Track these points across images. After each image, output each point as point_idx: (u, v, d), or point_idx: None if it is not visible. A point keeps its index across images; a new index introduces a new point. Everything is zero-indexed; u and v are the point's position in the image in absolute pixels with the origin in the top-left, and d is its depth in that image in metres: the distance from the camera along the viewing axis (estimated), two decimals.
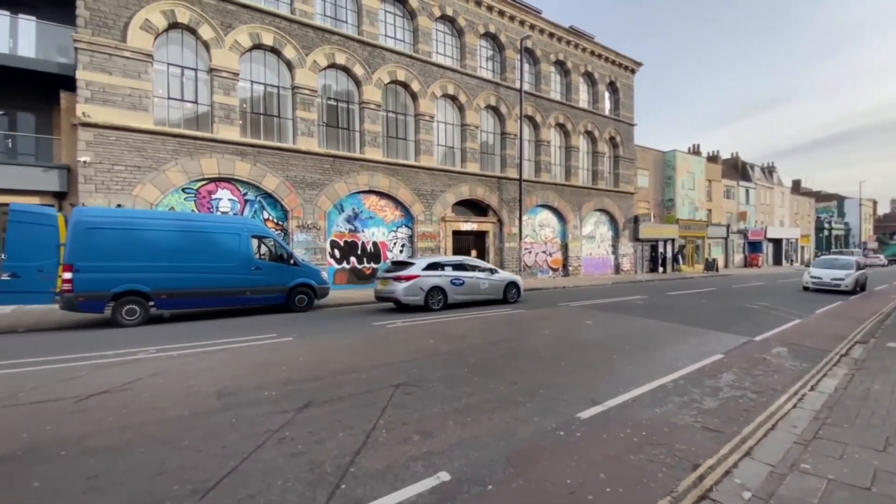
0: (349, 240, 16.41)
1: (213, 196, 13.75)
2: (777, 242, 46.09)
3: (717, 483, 3.02)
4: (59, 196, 11.96)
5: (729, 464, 3.27)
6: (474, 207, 20.30)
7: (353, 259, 16.44)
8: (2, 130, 12.45)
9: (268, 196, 14.66)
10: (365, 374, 5.40)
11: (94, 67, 11.77)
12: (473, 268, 12.55)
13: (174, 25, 13.07)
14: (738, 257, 41.26)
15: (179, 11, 13.01)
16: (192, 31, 13.35)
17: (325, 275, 12.03)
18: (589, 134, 25.36)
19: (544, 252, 23.09)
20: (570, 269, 23.95)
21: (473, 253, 20.26)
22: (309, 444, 3.53)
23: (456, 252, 19.43)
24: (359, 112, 16.80)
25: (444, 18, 19.09)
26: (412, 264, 11.58)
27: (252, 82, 14.67)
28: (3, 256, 8.80)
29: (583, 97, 25.16)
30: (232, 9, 13.86)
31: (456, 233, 19.43)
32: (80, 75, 11.62)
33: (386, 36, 17.47)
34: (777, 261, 45.50)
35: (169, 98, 13.25)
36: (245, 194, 14.33)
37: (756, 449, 3.53)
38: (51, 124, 12.67)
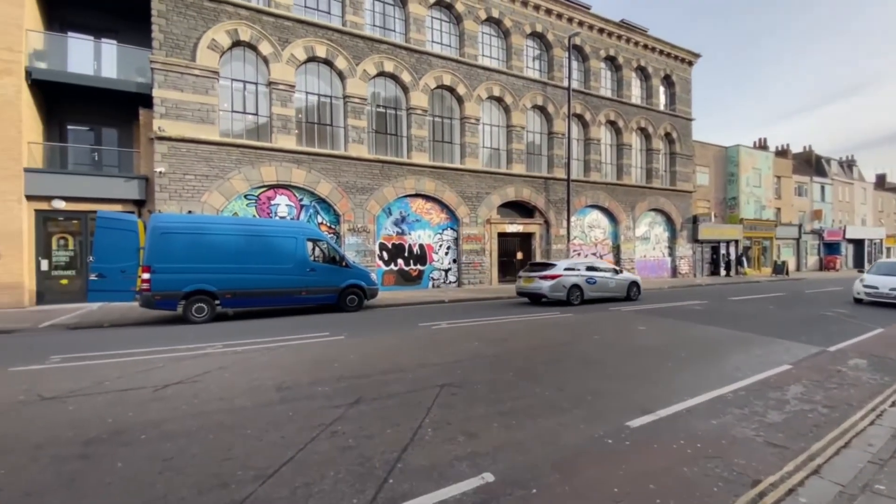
0: (397, 242, 16.83)
1: (272, 202, 14.61)
2: (858, 243, 41.86)
3: (779, 501, 2.84)
4: (139, 204, 13.20)
5: (794, 482, 3.06)
6: (520, 209, 20.12)
7: (400, 261, 16.84)
8: (89, 145, 13.95)
9: (322, 201, 15.35)
10: (411, 374, 5.54)
11: (167, 86, 12.91)
12: (601, 269, 14.11)
13: (237, 43, 14.04)
14: (813, 260, 37.91)
15: (242, 30, 13.96)
16: (253, 48, 14.28)
17: (373, 276, 12.43)
18: (642, 130, 24.35)
19: (594, 254, 22.43)
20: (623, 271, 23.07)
21: (519, 255, 20.08)
22: (359, 438, 3.69)
23: (501, 254, 19.35)
24: (406, 118, 17.19)
25: (490, 21, 19.11)
26: (553, 265, 13.38)
27: (307, 93, 15.44)
28: (91, 258, 9.86)
29: (635, 93, 24.21)
30: (288, 24, 14.68)
31: (501, 235, 19.35)
32: (156, 93, 12.78)
33: (432, 42, 17.77)
34: (858, 264, 41.26)
35: (233, 111, 14.25)
36: (301, 200, 15.10)
37: (825, 467, 3.27)
38: (131, 138, 14.03)
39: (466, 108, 18.16)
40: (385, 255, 16.59)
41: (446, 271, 17.92)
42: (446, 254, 17.95)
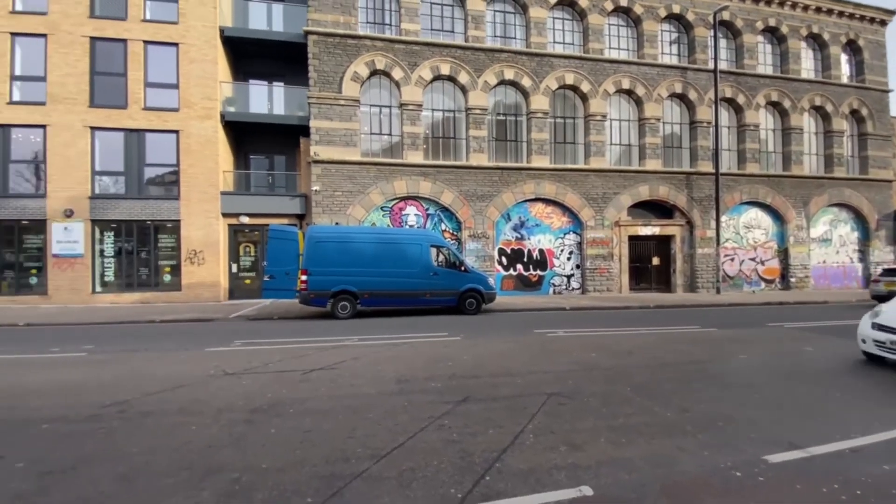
0: (515, 247, 16.85)
1: (403, 212, 15.99)
2: None
3: None
4: (300, 217, 15.74)
5: None
6: (656, 209, 18.34)
7: (519, 266, 16.81)
8: (265, 170, 17.12)
9: (445, 209, 16.26)
10: (521, 379, 5.58)
11: (320, 116, 15.16)
12: None
13: (374, 72, 15.77)
14: None
15: (378, 60, 15.64)
16: (387, 74, 15.87)
17: (492, 281, 12.71)
18: (817, 110, 20.13)
19: (753, 259, 19.24)
20: (793, 280, 19.29)
21: (655, 260, 18.31)
22: (463, 434, 3.91)
23: (633, 259, 17.91)
24: (526, 122, 17.17)
25: (618, 11, 17.96)
26: None
27: (432, 110, 16.55)
28: (265, 263, 12.12)
29: (806, 66, 20.17)
30: (416, 49, 15.96)
31: (633, 238, 17.91)
32: (312, 124, 15.11)
33: (554, 42, 17.44)
34: None
35: (371, 133, 16.04)
36: (427, 209, 16.21)
37: None
38: (295, 163, 16.81)
39: (591, 105, 17.34)
40: (504, 260, 16.75)
41: (568, 277, 17.29)
42: (568, 259, 17.32)
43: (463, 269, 12.32)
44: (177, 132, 14.83)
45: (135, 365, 6.44)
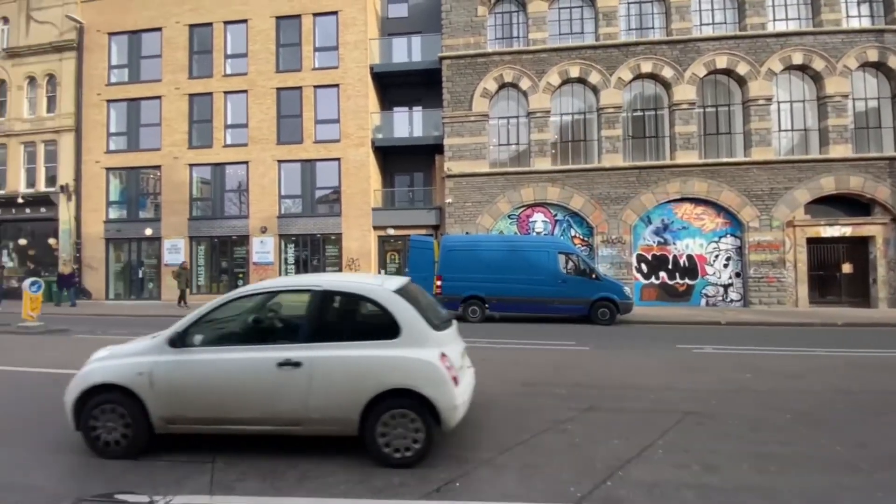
0: (658, 253, 15.49)
1: (530, 219, 16.13)
2: None
3: None
4: (435, 228, 17.10)
5: None
6: (845, 205, 14.97)
7: (662, 274, 15.40)
8: (406, 187, 19.02)
9: (574, 215, 15.87)
10: (654, 395, 5.34)
11: (453, 134, 16.29)
12: None
13: (502, 86, 16.33)
14: None
15: (505, 73, 16.16)
16: (515, 86, 16.26)
17: (627, 290, 12.00)
18: None
19: None
20: None
21: (846, 268, 14.96)
22: (585, 440, 4.01)
23: (813, 267, 14.91)
24: (668, 116, 15.76)
25: None
26: None
27: (561, 115, 16.37)
28: (406, 269, 13.54)
29: None
30: (544, 56, 16.03)
31: (813, 241, 14.90)
32: (446, 142, 16.33)
33: (700, 25, 15.71)
34: None
35: (499, 145, 16.61)
36: (555, 215, 16.05)
37: None
38: (431, 179, 18.32)
39: (751, 88, 15.06)
40: (644, 267, 15.53)
41: (725, 287, 15.18)
42: (725, 266, 15.22)
43: (594, 276, 11.92)
44: (338, 159, 17.54)
45: None
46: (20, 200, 18.95)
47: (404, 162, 18.84)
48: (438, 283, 12.17)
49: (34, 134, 19.29)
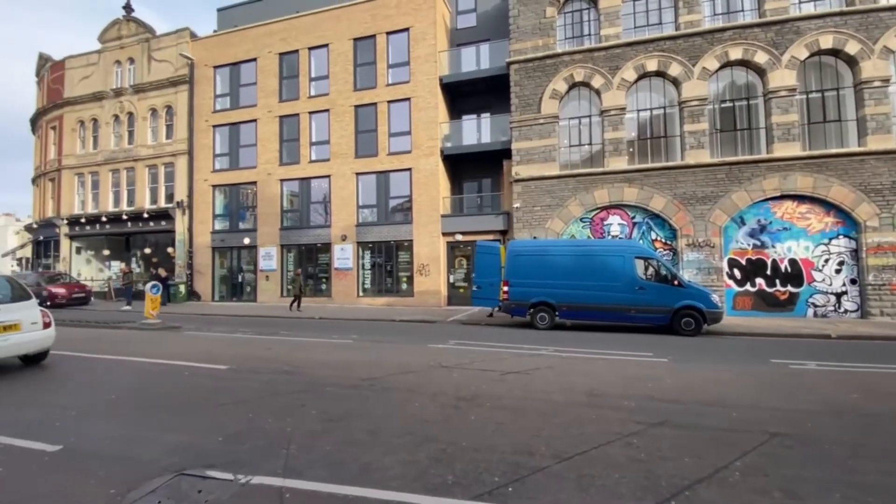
0: (753, 257, 13.97)
1: (605, 222, 15.43)
2: None
3: None
4: (503, 233, 17.04)
5: None
6: None
7: (759, 281, 13.85)
8: (475, 193, 19.19)
9: (655, 217, 14.89)
10: (736, 413, 4.87)
11: (521, 138, 16.17)
12: None
13: (573, 86, 15.89)
14: None
15: (576, 73, 15.72)
16: (586, 85, 15.75)
17: (716, 298, 10.97)
18: None
19: None
20: None
21: None
22: (652, 456, 3.79)
23: None
24: (763, 105, 14.23)
25: None
26: None
27: (637, 111, 15.50)
28: (473, 275, 13.66)
29: None
30: (618, 52, 15.34)
31: None
32: (514, 146, 16.25)
33: (799, 3, 14.01)
34: None
35: (569, 146, 16.15)
36: (633, 217, 15.19)
37: None
38: (499, 184, 18.31)
39: (864, 69, 13.10)
40: (737, 273, 14.08)
41: (838, 296, 13.25)
42: (837, 271, 13.29)
43: (676, 283, 11.07)
44: (410, 170, 18.25)
45: (381, 352, 8.38)
46: (145, 215, 22.22)
47: (473, 168, 19.06)
48: (505, 288, 12.11)
49: (156, 158, 22.55)
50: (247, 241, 20.61)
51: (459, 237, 17.66)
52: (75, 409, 5.01)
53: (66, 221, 24.09)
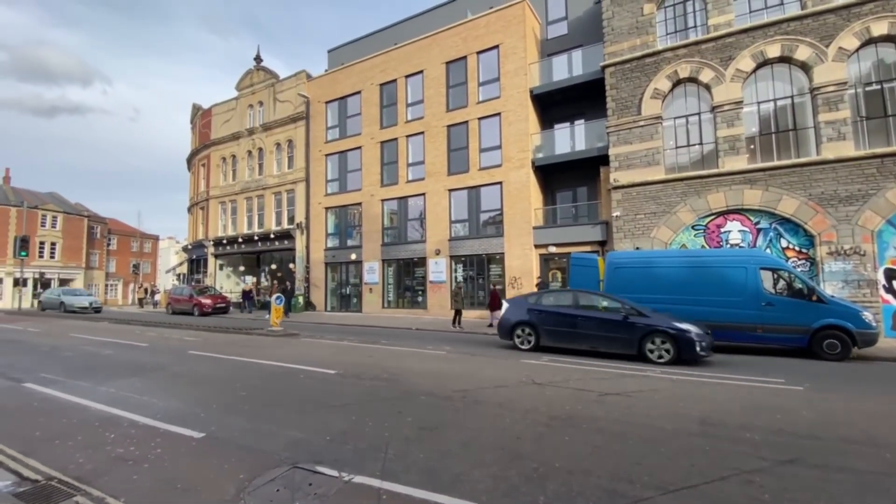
0: None
1: (722, 229, 13.84)
2: None
3: None
4: (601, 244, 16.16)
5: None
6: None
7: None
8: (569, 203, 18.55)
9: (785, 221, 12.97)
10: (891, 455, 4.02)
11: (619, 142, 15.32)
12: None
13: (677, 83, 14.69)
14: None
15: (681, 69, 14.52)
16: (693, 80, 14.45)
17: (868, 316, 9.14)
18: None
19: None
20: None
21: None
22: (778, 497, 3.31)
23: None
24: None
25: None
26: None
27: (758, 104, 13.77)
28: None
29: None
30: (730, 41, 13.86)
31: None
32: (611, 151, 15.44)
33: None
34: None
35: (676, 147, 14.86)
36: (757, 223, 13.41)
37: None
38: (595, 192, 17.49)
39: None
40: (895, 286, 11.58)
41: None
42: None
43: (815, 298, 9.46)
44: (500, 183, 18.35)
45: (473, 364, 8.47)
46: (271, 235, 25.40)
47: (566, 178, 18.50)
48: None
49: (279, 186, 25.77)
50: (353, 256, 22.41)
51: (553, 249, 17.18)
52: (215, 402, 5.91)
53: (212, 242, 28.58)
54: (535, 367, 8.28)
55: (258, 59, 27.83)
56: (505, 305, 11.22)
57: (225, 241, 27.79)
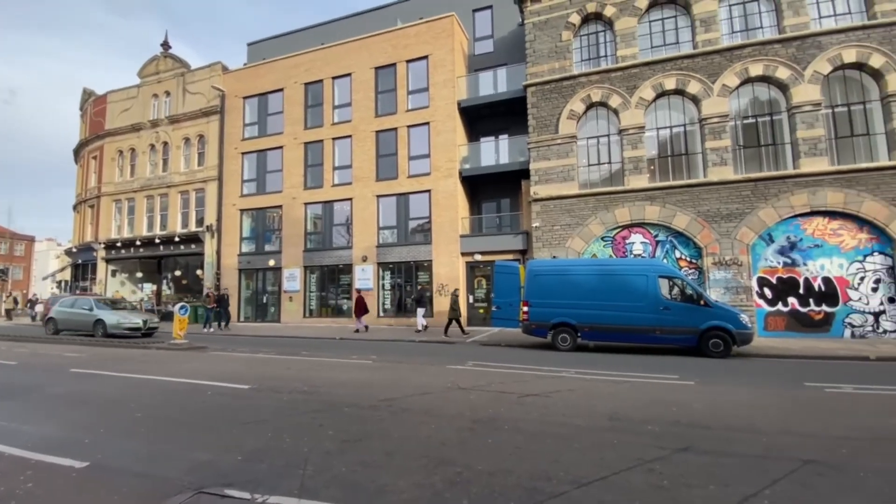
0: (784, 276, 13.47)
1: (627, 241, 15.21)
2: None
3: None
4: (522, 253, 16.98)
5: None
6: None
7: (791, 300, 13.31)
8: (493, 213, 19.27)
9: (679, 235, 14.61)
10: (767, 439, 4.65)
11: (539, 158, 16.26)
12: None
13: (590, 106, 15.99)
14: None
15: (593, 93, 15.83)
16: (604, 104, 15.82)
17: (745, 318, 10.57)
18: None
19: None
20: None
21: None
22: (675, 482, 3.65)
23: None
24: (787, 120, 13.96)
25: None
26: None
27: (657, 129, 15.43)
28: (493, 295, 13.59)
29: None
30: (635, 71, 15.41)
31: None
32: (532, 166, 16.34)
33: (819, 18, 13.86)
34: None
35: (588, 165, 16.13)
36: (656, 236, 14.94)
37: None
38: (518, 204, 18.36)
39: (889, 82, 12.76)
40: (767, 292, 13.58)
41: (876, 315, 12.59)
42: (874, 290, 12.67)
43: (703, 303, 10.75)
44: (429, 191, 18.53)
45: (399, 373, 8.38)
46: (176, 239, 23.14)
47: (491, 189, 19.21)
48: (525, 308, 11.98)
49: (188, 184, 23.62)
50: (272, 262, 21.14)
51: (479, 257, 17.68)
52: (103, 426, 5.18)
53: (103, 245, 25.29)
54: (460, 372, 8.39)
55: (166, 44, 25.43)
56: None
57: (119, 244, 24.74)
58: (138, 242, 24.10)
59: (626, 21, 15.66)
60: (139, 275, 26.00)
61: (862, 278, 12.79)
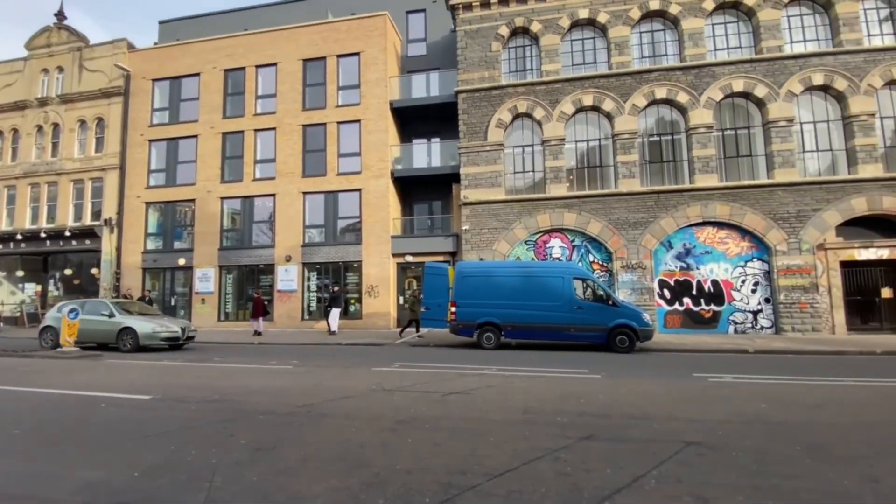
0: (681, 279, 15.11)
1: (547, 245, 16.12)
2: None
3: None
4: (452, 254, 17.32)
5: None
6: (881, 227, 14.31)
7: (686, 300, 14.97)
8: (425, 215, 19.44)
9: (592, 240, 15.78)
10: (658, 424, 5.20)
11: (469, 163, 16.69)
12: None
13: (517, 116, 16.74)
14: None
15: (520, 104, 16.59)
16: (529, 116, 16.65)
17: (647, 316, 11.71)
18: None
19: None
20: None
21: (885, 293, 14.14)
22: (577, 469, 3.96)
23: (850, 292, 14.17)
24: (685, 140, 15.69)
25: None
26: None
27: (576, 142, 16.56)
28: (421, 297, 13.72)
29: None
30: (557, 86, 16.41)
31: (847, 264, 14.25)
32: (462, 171, 16.73)
33: (715, 50, 15.80)
34: None
35: (514, 172, 16.88)
36: (573, 241, 16.00)
37: None
38: (449, 207, 18.69)
39: (771, 110, 14.89)
40: (666, 293, 15.15)
41: (755, 313, 14.59)
42: (753, 291, 14.67)
43: (611, 303, 11.72)
44: (359, 190, 18.21)
45: (322, 377, 8.15)
46: (67, 233, 20.45)
47: (423, 191, 19.36)
48: (453, 309, 12.24)
49: (83, 172, 20.98)
50: (182, 261, 19.46)
51: (410, 258, 17.71)
52: None
53: None
54: (385, 374, 8.36)
55: (61, 14, 22.41)
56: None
57: None
58: (20, 237, 20.93)
59: (550, 38, 16.63)
60: (20, 273, 22.57)
61: (743, 281, 14.75)
